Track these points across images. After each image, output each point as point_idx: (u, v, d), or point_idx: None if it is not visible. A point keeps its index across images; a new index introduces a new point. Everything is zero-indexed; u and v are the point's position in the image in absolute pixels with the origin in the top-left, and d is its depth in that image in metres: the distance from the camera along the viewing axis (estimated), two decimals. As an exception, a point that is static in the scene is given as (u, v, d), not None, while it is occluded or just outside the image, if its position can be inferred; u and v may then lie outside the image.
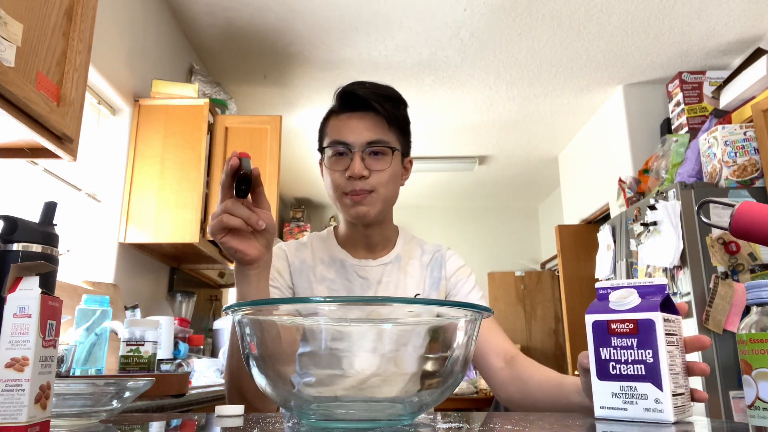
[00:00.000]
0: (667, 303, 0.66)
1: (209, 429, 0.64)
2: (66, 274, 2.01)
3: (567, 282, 4.13)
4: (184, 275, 3.00)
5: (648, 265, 2.70)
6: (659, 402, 0.62)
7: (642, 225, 2.74)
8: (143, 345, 1.36)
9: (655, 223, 2.65)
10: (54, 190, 2.04)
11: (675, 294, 2.53)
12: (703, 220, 0.77)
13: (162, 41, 2.79)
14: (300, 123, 4.18)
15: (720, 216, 2.25)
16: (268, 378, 0.60)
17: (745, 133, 2.66)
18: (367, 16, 2.95)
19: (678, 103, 3.31)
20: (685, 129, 3.20)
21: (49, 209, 0.66)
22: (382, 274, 1.09)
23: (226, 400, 0.97)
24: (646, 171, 3.19)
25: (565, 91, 3.79)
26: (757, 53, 2.86)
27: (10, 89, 1.05)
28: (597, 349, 0.66)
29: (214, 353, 2.79)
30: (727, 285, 2.36)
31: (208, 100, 2.55)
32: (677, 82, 3.33)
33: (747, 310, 0.67)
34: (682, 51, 3.29)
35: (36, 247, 0.62)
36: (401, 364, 0.61)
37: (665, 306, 0.66)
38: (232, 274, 3.57)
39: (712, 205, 1.44)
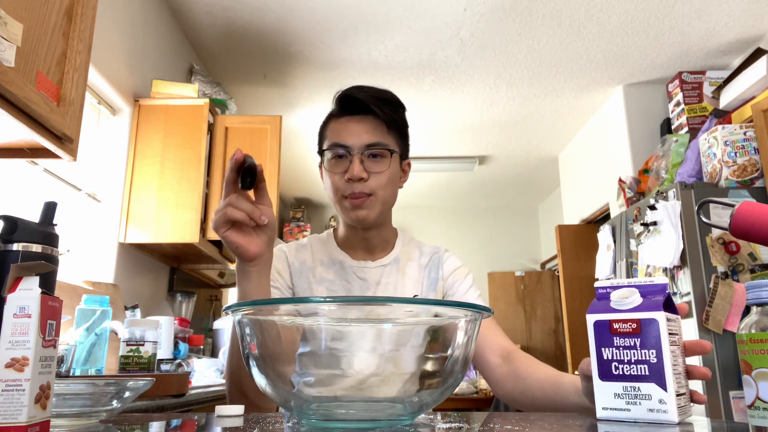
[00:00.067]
0: (667, 302, 0.66)
1: (209, 429, 0.64)
2: (66, 274, 2.01)
3: (567, 282, 4.13)
4: (184, 275, 3.00)
5: (648, 265, 2.70)
6: (663, 402, 0.61)
7: (642, 225, 2.74)
8: (143, 345, 1.36)
9: (655, 223, 2.65)
10: (54, 190, 2.04)
11: (675, 294, 2.53)
12: (703, 220, 0.77)
13: (162, 41, 2.79)
14: (300, 123, 4.18)
15: (720, 216, 2.25)
16: (268, 378, 0.60)
17: (745, 133, 2.66)
18: (367, 16, 2.95)
19: (678, 103, 3.31)
20: (685, 129, 3.20)
21: (49, 209, 0.66)
22: (380, 276, 1.10)
23: (227, 398, 0.97)
24: (646, 171, 3.19)
25: (565, 91, 3.79)
26: (757, 53, 2.86)
27: (10, 89, 1.05)
28: (599, 350, 0.66)
29: (214, 353, 2.79)
30: (727, 285, 2.36)
31: (208, 100, 2.55)
32: (677, 82, 3.33)
33: (747, 310, 0.67)
34: (682, 51, 3.29)
35: (36, 247, 0.62)
36: (400, 364, 0.61)
37: (666, 305, 0.65)
38: (232, 274, 3.57)
39: (712, 205, 1.44)
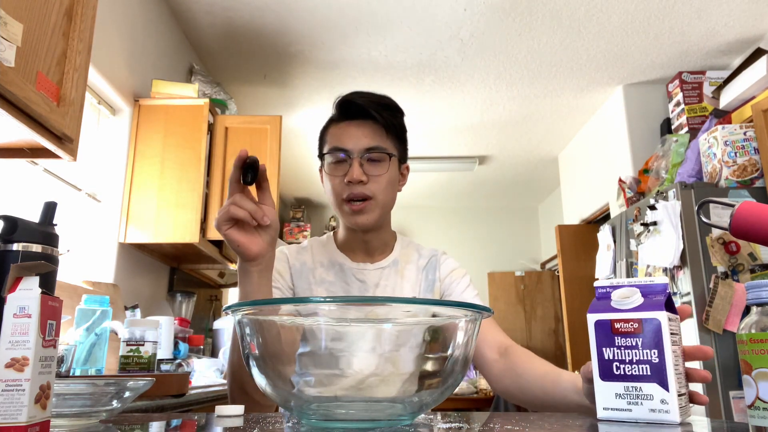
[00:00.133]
0: (668, 302, 0.66)
1: (209, 429, 0.64)
2: (66, 274, 2.01)
3: (567, 282, 4.13)
4: (184, 275, 3.00)
5: (648, 265, 2.70)
6: (665, 402, 0.61)
7: (642, 225, 2.74)
8: (143, 345, 1.36)
9: (655, 223, 2.65)
10: (54, 190, 2.04)
11: (675, 294, 2.53)
12: (703, 220, 0.77)
13: (162, 41, 2.79)
14: (300, 123, 4.17)
15: (720, 216, 2.25)
16: (268, 378, 0.60)
17: (745, 133, 2.66)
18: (367, 16, 2.94)
19: (678, 103, 3.31)
20: (685, 129, 3.20)
21: (49, 209, 0.66)
22: (379, 278, 1.11)
23: (228, 396, 0.98)
24: (646, 171, 3.19)
25: (565, 91, 3.79)
26: (757, 53, 2.86)
27: (10, 89, 1.05)
28: (600, 349, 0.66)
29: (214, 353, 2.79)
30: (727, 285, 2.36)
31: (208, 100, 2.55)
32: (677, 82, 3.33)
33: (747, 310, 0.67)
34: (682, 51, 3.29)
35: (36, 247, 0.62)
36: (399, 364, 0.61)
37: (666, 305, 0.65)
38: (232, 274, 3.57)
39: (712, 205, 1.44)
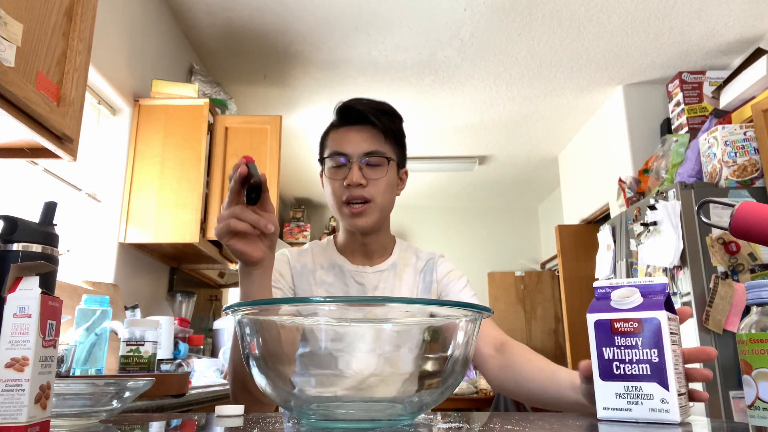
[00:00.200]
0: (667, 302, 0.66)
1: (209, 429, 0.64)
2: (66, 274, 2.01)
3: (567, 282, 4.13)
4: (184, 275, 3.00)
5: (648, 265, 2.70)
6: (665, 402, 0.61)
7: (642, 225, 2.74)
8: (143, 345, 1.36)
9: (655, 223, 2.64)
10: (54, 190, 2.04)
11: (675, 294, 2.53)
12: (703, 220, 0.77)
13: (162, 41, 2.79)
14: (300, 123, 4.17)
15: (720, 216, 2.25)
16: (268, 378, 0.60)
17: (745, 133, 2.66)
18: (367, 16, 2.94)
19: (678, 103, 3.31)
20: (685, 129, 3.20)
21: (49, 209, 0.66)
22: (378, 281, 1.13)
23: (230, 395, 0.99)
24: (646, 171, 3.19)
25: (565, 91, 3.79)
26: (757, 53, 2.86)
27: (10, 89, 1.05)
28: (600, 349, 0.66)
29: (214, 353, 2.79)
30: (727, 285, 2.36)
31: (208, 100, 2.55)
32: (677, 82, 3.33)
33: (747, 310, 0.67)
34: (682, 51, 3.29)
35: (36, 247, 0.62)
36: (398, 364, 0.62)
37: (666, 305, 0.65)
38: (232, 274, 3.57)
39: (712, 205, 1.44)
